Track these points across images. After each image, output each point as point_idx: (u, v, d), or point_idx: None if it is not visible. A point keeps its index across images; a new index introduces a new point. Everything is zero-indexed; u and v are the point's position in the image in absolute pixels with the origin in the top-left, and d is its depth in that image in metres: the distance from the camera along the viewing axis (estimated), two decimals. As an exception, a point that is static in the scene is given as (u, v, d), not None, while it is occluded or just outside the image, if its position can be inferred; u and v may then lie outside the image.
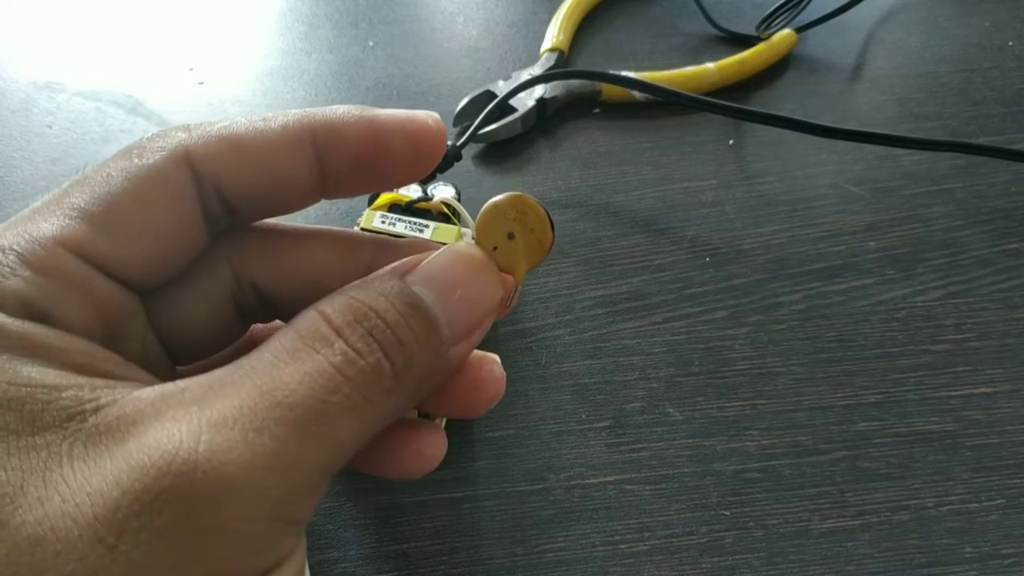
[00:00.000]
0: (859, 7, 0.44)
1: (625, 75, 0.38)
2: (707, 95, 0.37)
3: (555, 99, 0.40)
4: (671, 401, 0.29)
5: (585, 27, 0.47)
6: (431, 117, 0.18)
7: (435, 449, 0.20)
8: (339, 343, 0.15)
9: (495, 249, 0.18)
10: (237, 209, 0.18)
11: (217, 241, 0.18)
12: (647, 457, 0.27)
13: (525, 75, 0.41)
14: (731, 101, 0.36)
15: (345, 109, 0.18)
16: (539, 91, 0.40)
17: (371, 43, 0.46)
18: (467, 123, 0.38)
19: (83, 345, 0.15)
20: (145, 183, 0.16)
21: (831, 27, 0.44)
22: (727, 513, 0.26)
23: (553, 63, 0.43)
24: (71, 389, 0.14)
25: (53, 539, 0.12)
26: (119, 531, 0.12)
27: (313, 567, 0.25)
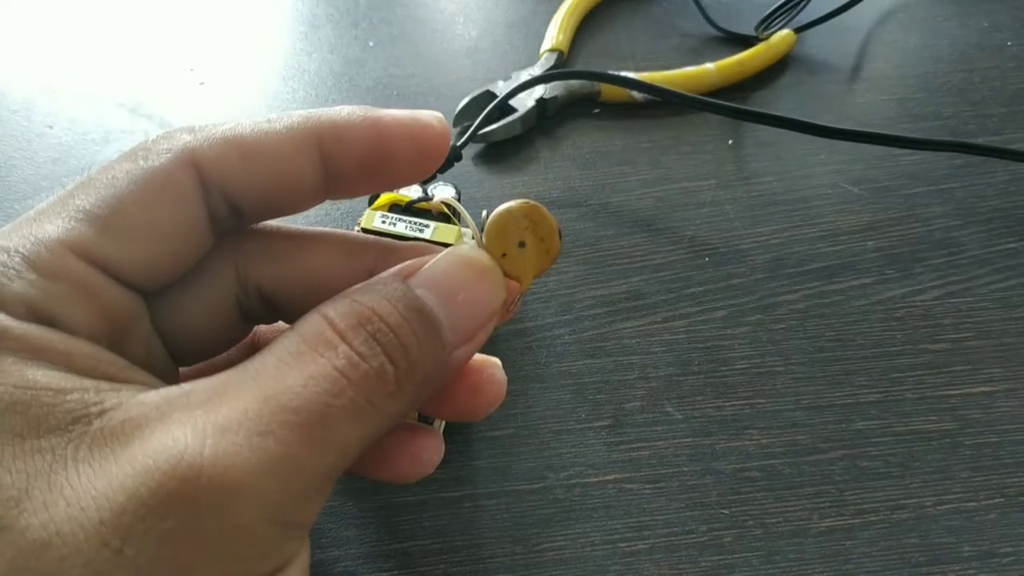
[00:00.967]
0: (858, 7, 0.44)
1: (625, 75, 0.38)
2: (706, 95, 0.37)
3: (555, 99, 0.40)
4: (670, 400, 0.29)
5: (585, 27, 0.47)
6: (435, 117, 0.18)
7: (433, 454, 0.20)
8: (343, 347, 0.15)
9: (504, 256, 0.18)
10: (242, 211, 0.18)
11: (221, 243, 0.18)
12: (647, 456, 0.27)
13: (525, 75, 0.41)
14: (730, 101, 0.36)
15: (350, 110, 0.18)
16: (539, 91, 0.40)
17: (371, 43, 0.46)
18: (467, 123, 0.38)
19: (88, 348, 0.15)
20: (150, 185, 0.16)
21: (830, 27, 0.44)
22: (726, 512, 0.26)
23: (553, 63, 0.43)
24: (76, 392, 0.14)
25: (58, 543, 0.12)
26: (124, 535, 0.12)
27: (313, 566, 0.25)
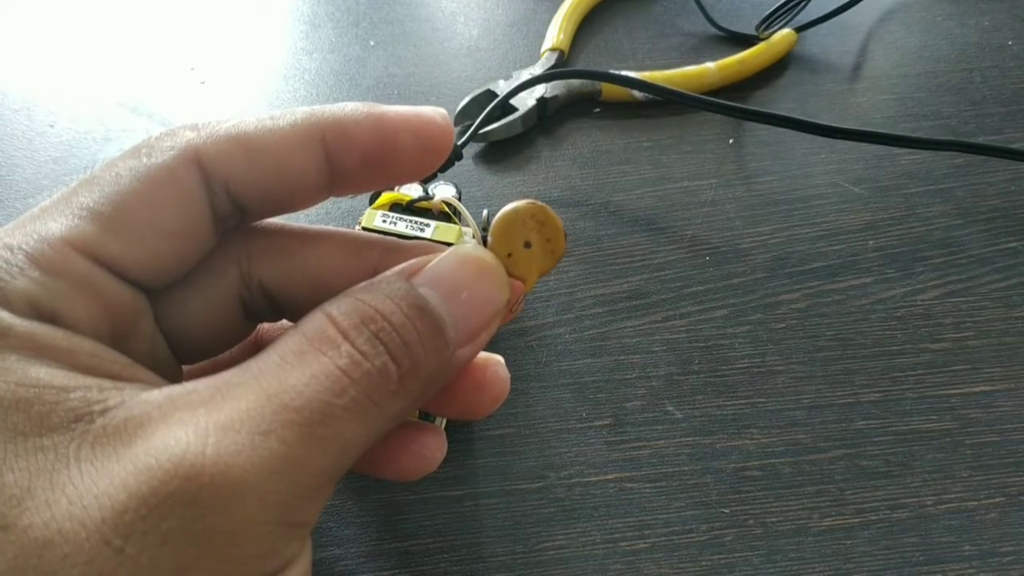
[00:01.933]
0: (859, 7, 0.44)
1: (625, 75, 0.38)
2: (707, 95, 0.37)
3: (555, 98, 0.40)
4: (671, 399, 0.29)
5: (585, 27, 0.47)
6: (438, 113, 0.18)
7: (435, 451, 0.20)
8: (345, 346, 0.15)
9: (509, 255, 0.18)
10: (246, 208, 0.18)
11: (225, 240, 0.18)
12: (647, 455, 0.27)
13: (526, 74, 0.41)
14: (731, 100, 0.36)
15: (353, 106, 0.17)
16: (540, 90, 0.40)
17: (372, 42, 0.46)
18: (468, 122, 0.38)
19: (91, 346, 0.15)
20: (154, 183, 0.16)
21: (831, 27, 0.44)
22: (727, 511, 0.26)
23: (553, 63, 0.43)
24: (79, 390, 0.14)
25: (60, 541, 0.12)
26: (126, 534, 0.12)
27: (314, 564, 0.25)
